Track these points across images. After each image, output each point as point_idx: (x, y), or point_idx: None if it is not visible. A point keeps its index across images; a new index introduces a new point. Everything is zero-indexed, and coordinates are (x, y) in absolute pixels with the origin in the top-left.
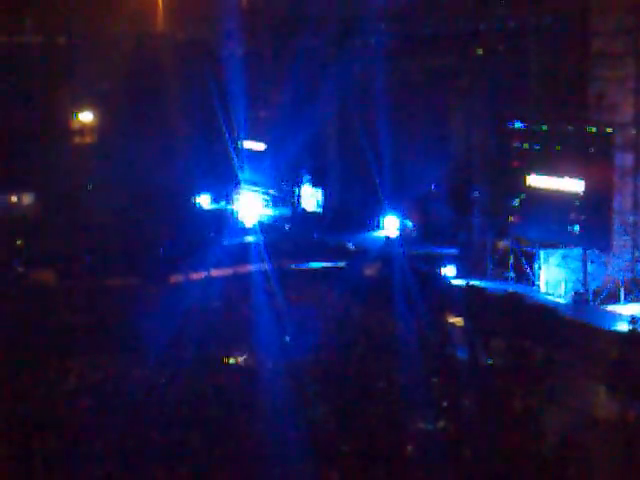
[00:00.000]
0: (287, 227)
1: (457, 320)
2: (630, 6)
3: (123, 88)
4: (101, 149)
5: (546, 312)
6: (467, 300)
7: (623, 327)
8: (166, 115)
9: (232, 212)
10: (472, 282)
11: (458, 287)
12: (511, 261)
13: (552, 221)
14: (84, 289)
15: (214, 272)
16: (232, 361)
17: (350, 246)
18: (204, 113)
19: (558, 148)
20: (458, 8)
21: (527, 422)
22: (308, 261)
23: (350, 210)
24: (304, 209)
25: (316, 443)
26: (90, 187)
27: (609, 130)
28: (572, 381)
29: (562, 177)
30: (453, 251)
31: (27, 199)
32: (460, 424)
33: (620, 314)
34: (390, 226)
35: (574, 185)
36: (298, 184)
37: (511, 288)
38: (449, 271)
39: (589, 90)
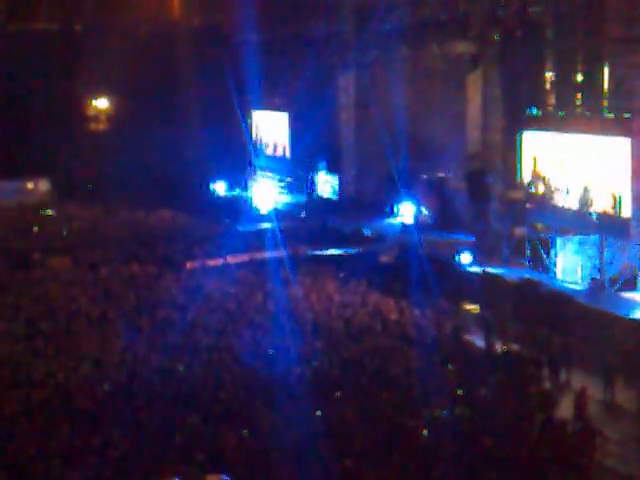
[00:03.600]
0: (303, 214)
1: (473, 307)
2: None
3: (139, 75)
4: (117, 136)
5: (563, 299)
6: (483, 287)
7: None
8: (182, 102)
9: (248, 199)
10: (488, 269)
11: (474, 274)
12: (528, 248)
13: (569, 207)
14: (100, 275)
15: (230, 258)
16: (248, 348)
17: (366, 233)
18: (220, 100)
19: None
20: None
21: (544, 409)
22: (324, 248)
23: (366, 197)
24: (320, 196)
25: (331, 430)
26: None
27: (627, 116)
28: (589, 368)
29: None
30: (469, 238)
31: (43, 186)
32: (476, 411)
33: (638, 301)
34: (406, 213)
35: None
36: (314, 171)
37: (527, 275)
38: (465, 258)
39: (607, 76)
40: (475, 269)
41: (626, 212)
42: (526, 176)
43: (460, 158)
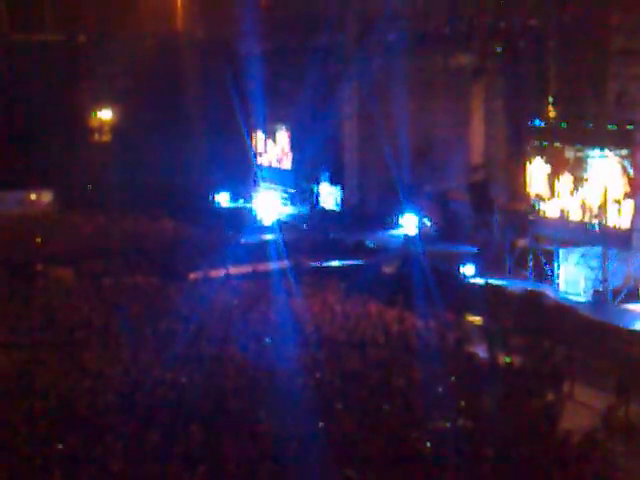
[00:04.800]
0: (305, 225)
1: (476, 319)
2: None
3: (142, 86)
4: (120, 147)
5: (565, 311)
6: (486, 298)
7: None
8: (185, 113)
9: (250, 210)
10: (491, 281)
11: (477, 285)
12: (530, 260)
13: (572, 219)
14: (102, 286)
15: (233, 270)
16: (250, 357)
17: (369, 244)
18: (223, 111)
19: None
20: (478, 6)
21: (547, 421)
22: (326, 259)
23: (369, 208)
24: (322, 207)
25: (332, 440)
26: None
27: (629, 128)
28: (592, 380)
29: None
30: (472, 249)
31: (46, 197)
32: (479, 423)
33: None
34: (409, 224)
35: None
36: (316, 182)
37: (530, 287)
38: (468, 269)
39: (609, 87)
40: (478, 280)
41: (629, 223)
42: (528, 187)
43: (463, 169)
